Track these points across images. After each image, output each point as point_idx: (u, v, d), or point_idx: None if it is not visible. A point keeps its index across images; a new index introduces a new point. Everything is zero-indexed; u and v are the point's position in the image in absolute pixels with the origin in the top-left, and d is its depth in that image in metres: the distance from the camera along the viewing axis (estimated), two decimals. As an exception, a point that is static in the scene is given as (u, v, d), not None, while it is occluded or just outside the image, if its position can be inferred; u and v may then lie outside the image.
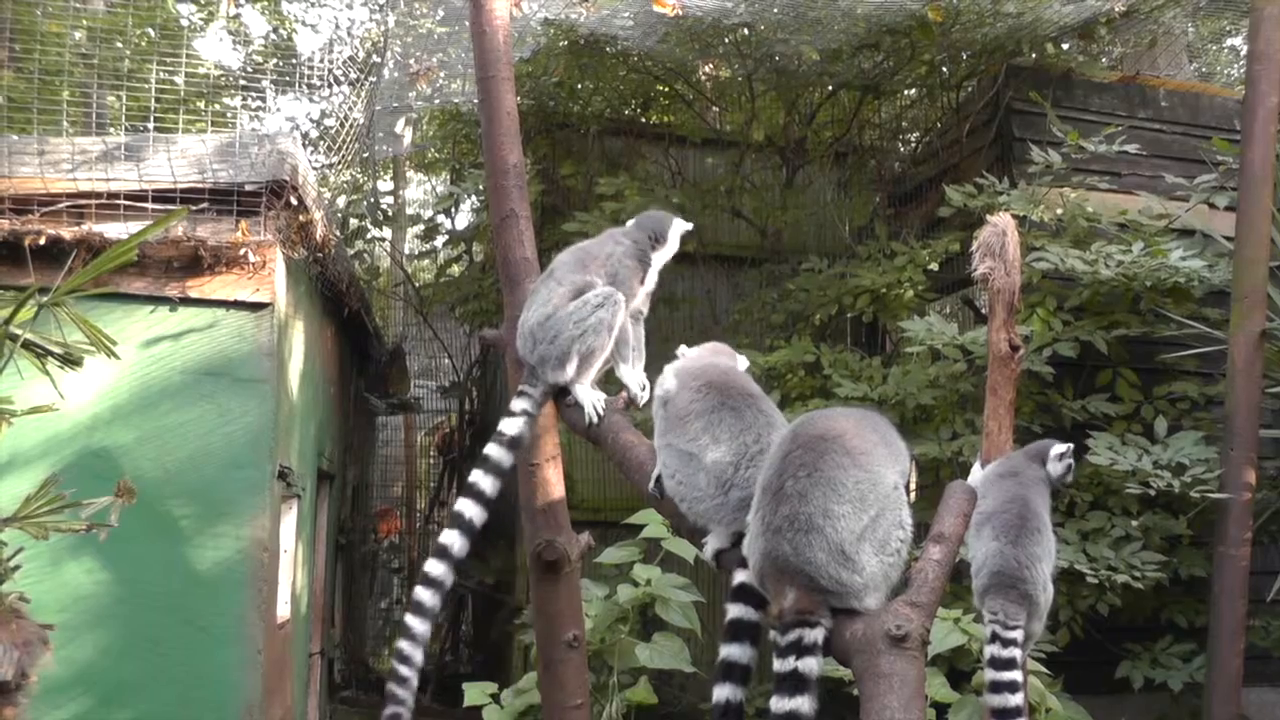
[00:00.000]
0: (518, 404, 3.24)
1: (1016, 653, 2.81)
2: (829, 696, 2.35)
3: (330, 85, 8.58)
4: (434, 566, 3.00)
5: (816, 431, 2.36)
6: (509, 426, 3.19)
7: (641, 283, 3.35)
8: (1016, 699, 2.77)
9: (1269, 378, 6.13)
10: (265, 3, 11.91)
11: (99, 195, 5.84)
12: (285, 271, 6.27)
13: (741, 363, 3.00)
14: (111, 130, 7.11)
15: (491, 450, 3.15)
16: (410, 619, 2.96)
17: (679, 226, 3.47)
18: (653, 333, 3.59)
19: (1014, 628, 2.81)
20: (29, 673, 3.37)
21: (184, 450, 5.90)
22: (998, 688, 2.79)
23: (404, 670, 2.90)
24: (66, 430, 5.69)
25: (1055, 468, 3.09)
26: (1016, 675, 2.79)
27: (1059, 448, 3.09)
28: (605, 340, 3.16)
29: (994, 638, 2.81)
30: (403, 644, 2.94)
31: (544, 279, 3.33)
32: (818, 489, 2.25)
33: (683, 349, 3.01)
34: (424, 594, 2.98)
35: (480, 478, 3.10)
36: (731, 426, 2.61)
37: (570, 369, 3.16)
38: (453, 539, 3.02)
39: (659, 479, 2.73)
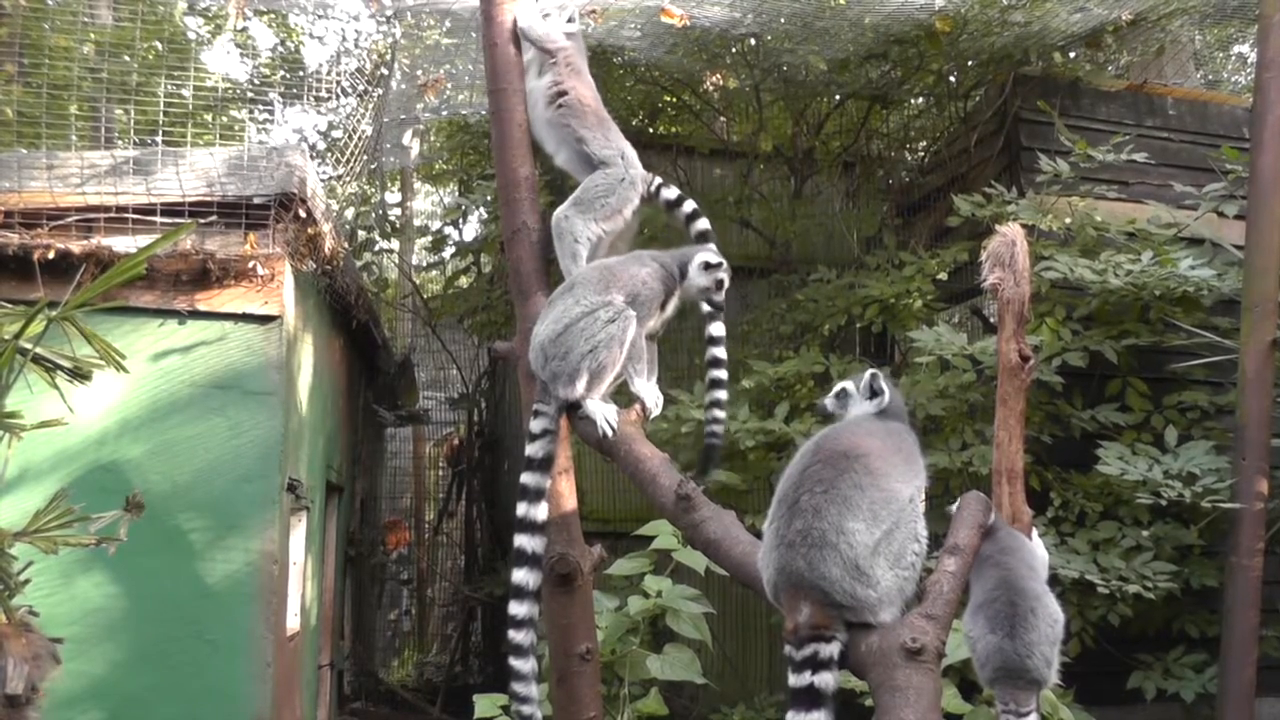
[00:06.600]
0: (537, 424, 3.24)
1: None
2: (843, 708, 2.33)
3: (337, 97, 8.58)
4: (517, 607, 3.11)
5: (840, 448, 2.34)
6: (536, 450, 3.23)
7: (662, 309, 3.36)
8: None
9: (1280, 387, 6.11)
10: (272, 15, 11.92)
11: (107, 209, 5.85)
12: (294, 284, 6.27)
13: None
14: (120, 144, 7.14)
15: (528, 479, 3.21)
16: (514, 661, 3.11)
17: (700, 258, 3.43)
18: (660, 342, 3.59)
19: (1027, 713, 2.77)
20: (39, 686, 3.36)
21: (193, 464, 5.90)
22: None
23: (526, 709, 3.11)
24: (76, 444, 5.70)
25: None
26: None
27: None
28: (616, 355, 3.15)
29: None
30: (516, 686, 3.10)
31: (562, 293, 3.31)
32: (833, 505, 2.24)
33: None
34: (518, 635, 3.11)
35: (529, 509, 3.19)
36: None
37: (580, 385, 3.16)
38: (525, 576, 3.15)
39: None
